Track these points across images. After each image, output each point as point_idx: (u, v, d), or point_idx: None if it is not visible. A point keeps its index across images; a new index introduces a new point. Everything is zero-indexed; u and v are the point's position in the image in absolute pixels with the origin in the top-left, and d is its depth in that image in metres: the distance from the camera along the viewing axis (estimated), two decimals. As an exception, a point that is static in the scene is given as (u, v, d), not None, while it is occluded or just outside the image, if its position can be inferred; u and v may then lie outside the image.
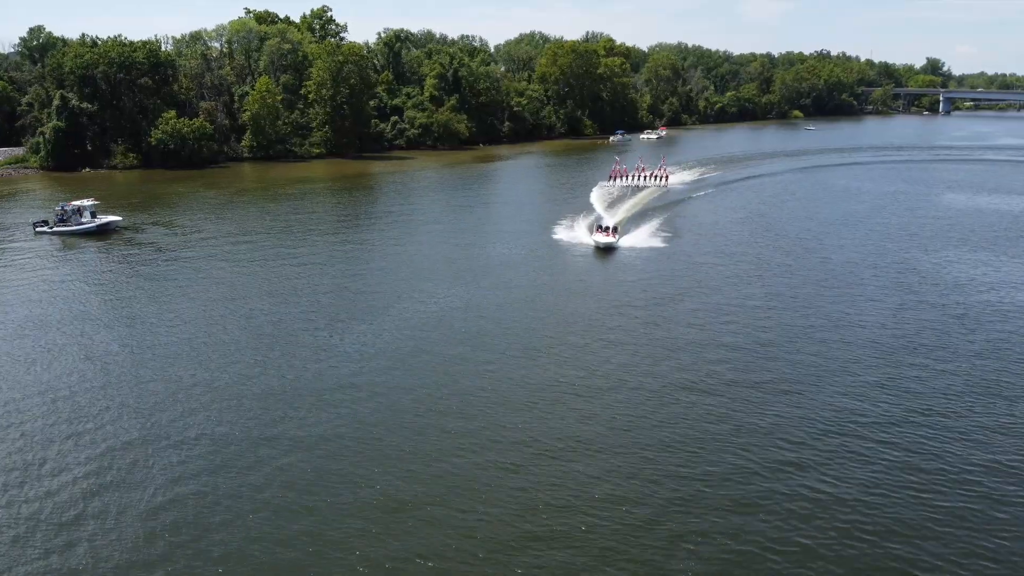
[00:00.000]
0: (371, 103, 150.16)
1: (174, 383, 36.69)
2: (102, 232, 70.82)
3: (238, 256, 62.53)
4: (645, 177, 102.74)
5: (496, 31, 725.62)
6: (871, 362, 39.78)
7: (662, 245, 67.03)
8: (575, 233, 70.75)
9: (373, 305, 49.22)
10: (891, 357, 40.49)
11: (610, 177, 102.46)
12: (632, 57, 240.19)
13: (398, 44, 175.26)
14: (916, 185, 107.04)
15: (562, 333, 43.97)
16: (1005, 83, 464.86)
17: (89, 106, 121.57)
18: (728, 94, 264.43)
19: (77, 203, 73.15)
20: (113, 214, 75.52)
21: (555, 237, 70.03)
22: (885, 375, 38.07)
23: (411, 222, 77.53)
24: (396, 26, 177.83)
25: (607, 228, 68.39)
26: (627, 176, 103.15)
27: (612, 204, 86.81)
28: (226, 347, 41.65)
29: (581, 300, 50.89)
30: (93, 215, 71.98)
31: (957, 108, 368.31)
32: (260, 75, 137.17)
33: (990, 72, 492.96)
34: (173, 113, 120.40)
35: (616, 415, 33.46)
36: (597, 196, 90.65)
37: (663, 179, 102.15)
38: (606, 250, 64.09)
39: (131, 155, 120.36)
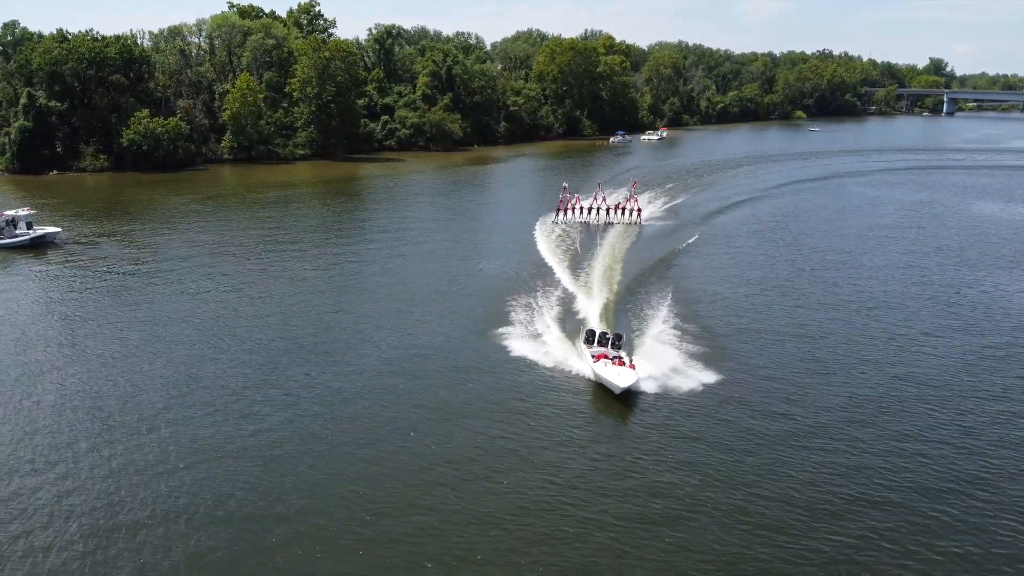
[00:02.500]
0: (360, 102, 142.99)
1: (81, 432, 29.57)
2: (38, 246, 62.87)
3: (184, 277, 54.58)
4: (608, 211, 76.03)
5: (493, 29, 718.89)
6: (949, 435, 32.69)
7: (694, 370, 37.54)
8: (547, 348, 40.16)
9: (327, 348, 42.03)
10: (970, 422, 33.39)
11: (557, 210, 76.08)
12: (632, 56, 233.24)
13: (389, 40, 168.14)
14: (941, 193, 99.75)
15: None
16: (1008, 84, 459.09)
17: (59, 105, 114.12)
18: (730, 94, 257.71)
19: (11, 213, 65.07)
20: (55, 224, 67.84)
21: (513, 347, 40.50)
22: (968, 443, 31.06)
23: (386, 239, 69.97)
24: (389, 23, 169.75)
25: (616, 351, 37.86)
26: (580, 209, 76.63)
27: (575, 264, 58.70)
28: (152, 388, 34.67)
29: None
30: (29, 226, 64.07)
31: (960, 109, 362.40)
32: (242, 72, 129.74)
33: (991, 72, 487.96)
34: (146, 112, 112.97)
35: None
36: (547, 247, 64.09)
37: (633, 213, 75.56)
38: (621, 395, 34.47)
39: (102, 157, 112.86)
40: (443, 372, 37.46)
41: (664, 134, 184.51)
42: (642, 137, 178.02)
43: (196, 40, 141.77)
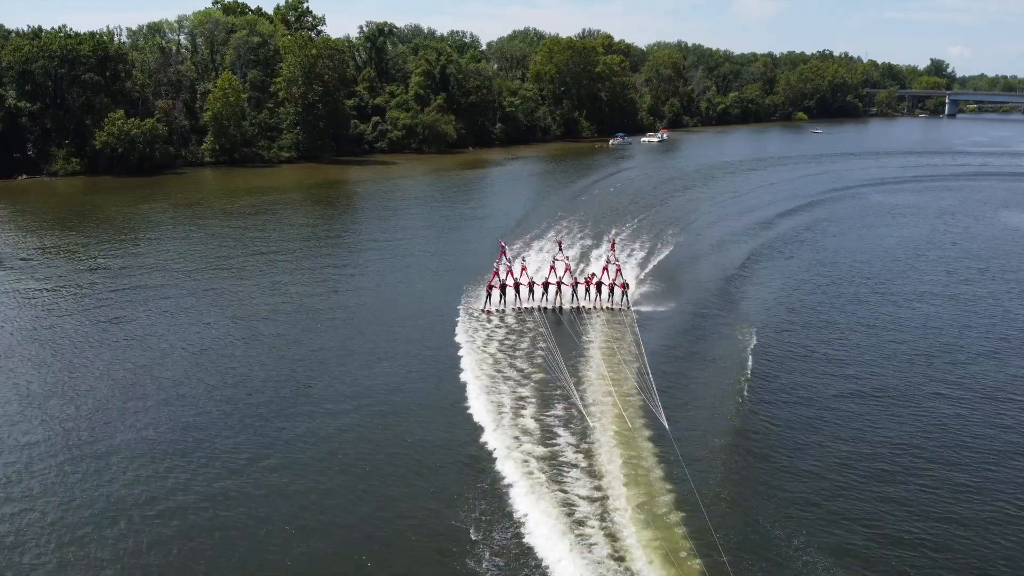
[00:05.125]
0: (350, 102, 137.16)
1: None
2: None
3: (120, 306, 47.21)
4: (574, 288, 47.94)
5: (488, 29, 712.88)
6: None
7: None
8: None
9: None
10: None
11: (489, 287, 46.48)
12: (631, 56, 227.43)
13: (381, 39, 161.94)
14: (964, 202, 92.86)
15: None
16: (1008, 85, 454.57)
17: (29, 105, 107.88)
18: (731, 95, 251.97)
19: None
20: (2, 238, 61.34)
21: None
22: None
23: (363, 260, 64.07)
24: (381, 21, 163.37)
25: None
26: (529, 287, 47.26)
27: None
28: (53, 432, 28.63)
29: None
30: None
31: (961, 111, 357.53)
32: (225, 71, 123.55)
33: (988, 74, 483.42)
34: (121, 113, 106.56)
35: None
36: (478, 386, 35.59)
37: (615, 291, 47.51)
38: None
39: (74, 160, 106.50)
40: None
41: (665, 136, 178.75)
42: (642, 139, 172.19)
43: (177, 37, 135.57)
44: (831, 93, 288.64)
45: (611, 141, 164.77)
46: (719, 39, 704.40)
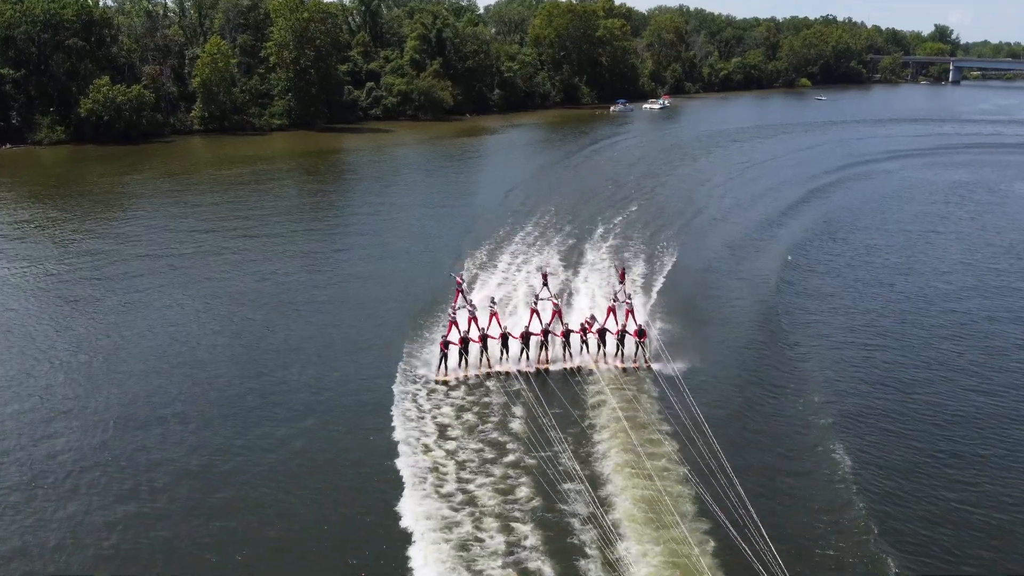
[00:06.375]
0: (344, 67, 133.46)
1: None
2: None
3: (89, 286, 44.56)
4: (566, 338, 34.40)
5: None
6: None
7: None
8: None
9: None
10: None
11: (444, 344, 32.77)
12: (632, 20, 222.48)
13: (375, 2, 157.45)
14: (982, 174, 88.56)
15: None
16: (1012, 52, 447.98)
17: (13, 72, 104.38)
18: (733, 60, 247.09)
19: None
20: None
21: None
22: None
23: (348, 238, 61.56)
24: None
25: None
26: (503, 338, 33.72)
27: None
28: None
29: None
30: None
31: (965, 77, 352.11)
32: (214, 35, 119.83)
33: (993, 40, 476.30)
34: (106, 80, 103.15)
35: None
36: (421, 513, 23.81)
37: (626, 341, 34.36)
38: None
39: (58, 128, 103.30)
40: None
41: (667, 102, 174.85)
42: (643, 106, 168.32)
43: (164, 0, 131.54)
44: (835, 59, 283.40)
45: (612, 108, 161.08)
46: (721, 3, 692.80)
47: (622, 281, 40.03)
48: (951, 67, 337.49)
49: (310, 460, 26.87)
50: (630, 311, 36.28)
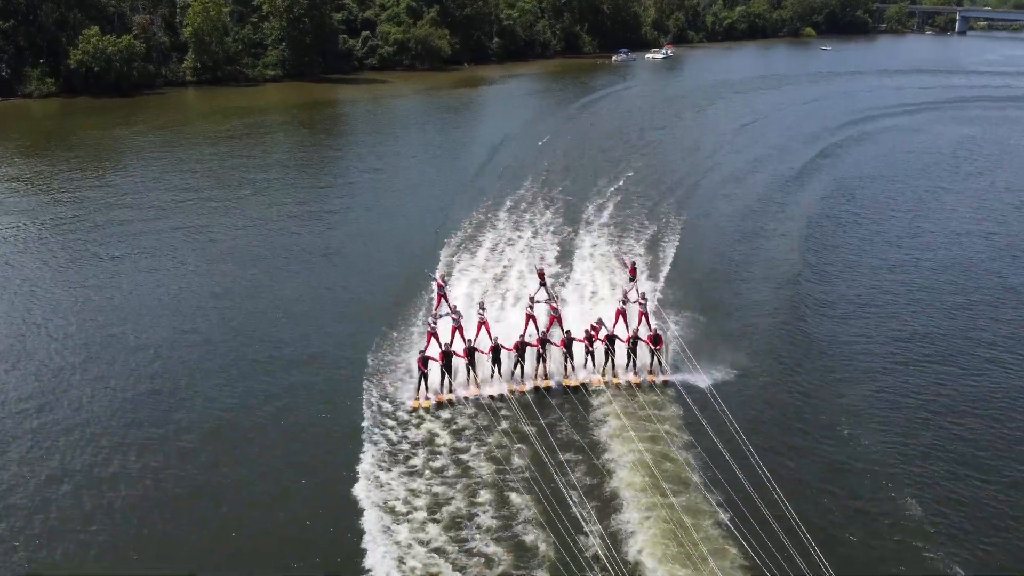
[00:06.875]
0: (338, 16, 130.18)
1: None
2: None
3: (74, 246, 43.48)
4: (570, 348, 28.63)
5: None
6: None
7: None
8: None
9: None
10: None
11: (422, 361, 27.04)
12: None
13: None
14: (994, 130, 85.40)
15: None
16: (1018, 3, 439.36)
17: (1, 22, 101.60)
18: (738, 9, 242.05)
19: None
20: None
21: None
22: None
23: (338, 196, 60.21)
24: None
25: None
26: (492, 350, 28.32)
27: None
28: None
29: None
30: None
31: (971, 28, 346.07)
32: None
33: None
34: (96, 30, 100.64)
35: None
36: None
37: (638, 349, 28.62)
38: None
39: (49, 80, 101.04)
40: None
41: (670, 52, 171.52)
42: (646, 55, 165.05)
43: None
44: (840, 7, 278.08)
45: (614, 57, 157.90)
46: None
47: (633, 278, 34.35)
48: (957, 17, 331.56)
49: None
50: (643, 314, 30.62)
